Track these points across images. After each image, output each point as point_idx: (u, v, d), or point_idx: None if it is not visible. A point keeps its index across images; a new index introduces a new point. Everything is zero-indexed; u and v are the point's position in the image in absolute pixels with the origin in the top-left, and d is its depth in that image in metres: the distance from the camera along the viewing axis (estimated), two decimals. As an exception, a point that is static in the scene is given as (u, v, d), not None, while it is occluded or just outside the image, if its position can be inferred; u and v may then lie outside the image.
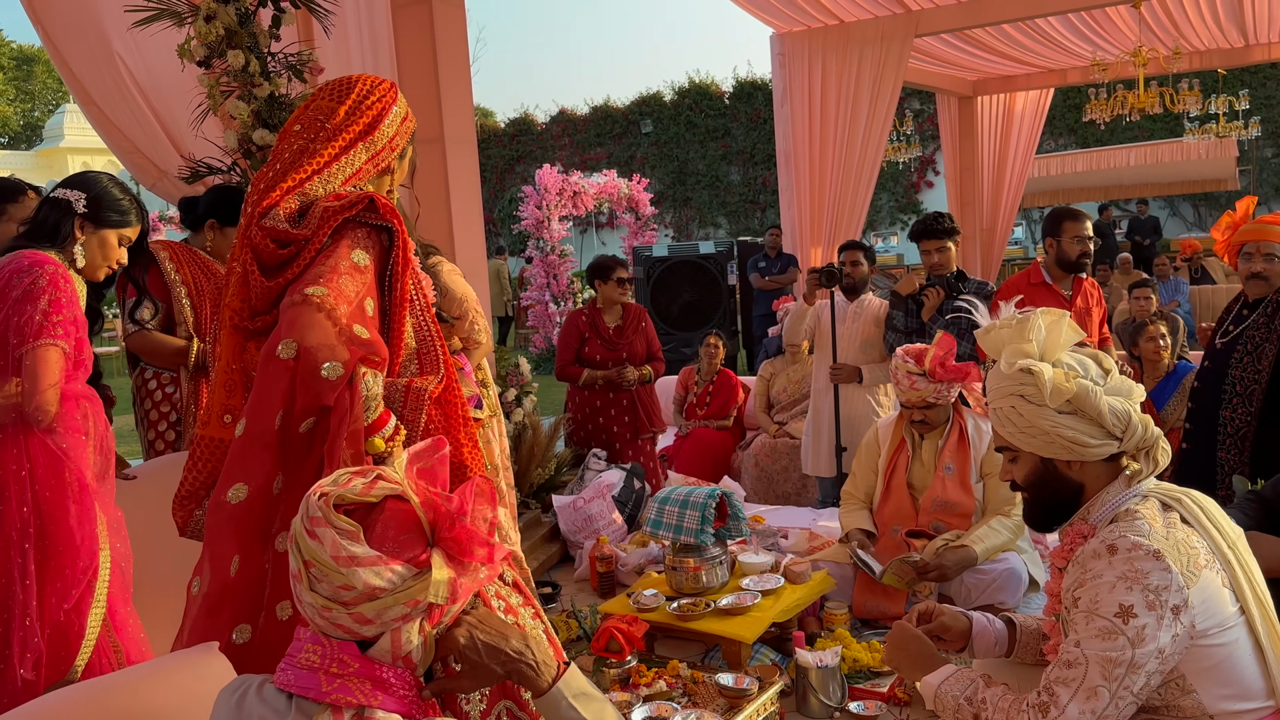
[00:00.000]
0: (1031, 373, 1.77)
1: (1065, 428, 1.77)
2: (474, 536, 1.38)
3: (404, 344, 2.02)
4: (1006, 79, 9.81)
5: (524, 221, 11.77)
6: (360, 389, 1.84)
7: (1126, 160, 14.57)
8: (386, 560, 1.33)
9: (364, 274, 1.94)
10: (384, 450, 1.89)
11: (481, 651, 1.47)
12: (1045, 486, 1.85)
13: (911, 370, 3.54)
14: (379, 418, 1.88)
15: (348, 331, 1.83)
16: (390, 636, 1.36)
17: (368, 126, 2.10)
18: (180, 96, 3.91)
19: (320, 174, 2.06)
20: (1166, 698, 1.71)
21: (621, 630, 2.96)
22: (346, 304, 1.88)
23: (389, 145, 2.14)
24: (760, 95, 18.96)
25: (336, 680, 1.34)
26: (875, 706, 2.88)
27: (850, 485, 3.82)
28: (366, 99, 2.11)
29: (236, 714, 1.39)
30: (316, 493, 1.37)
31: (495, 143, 21.38)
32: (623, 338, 5.27)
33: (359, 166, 2.10)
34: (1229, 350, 3.65)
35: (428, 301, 2.10)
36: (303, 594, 1.36)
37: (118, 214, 2.66)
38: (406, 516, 1.37)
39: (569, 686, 1.50)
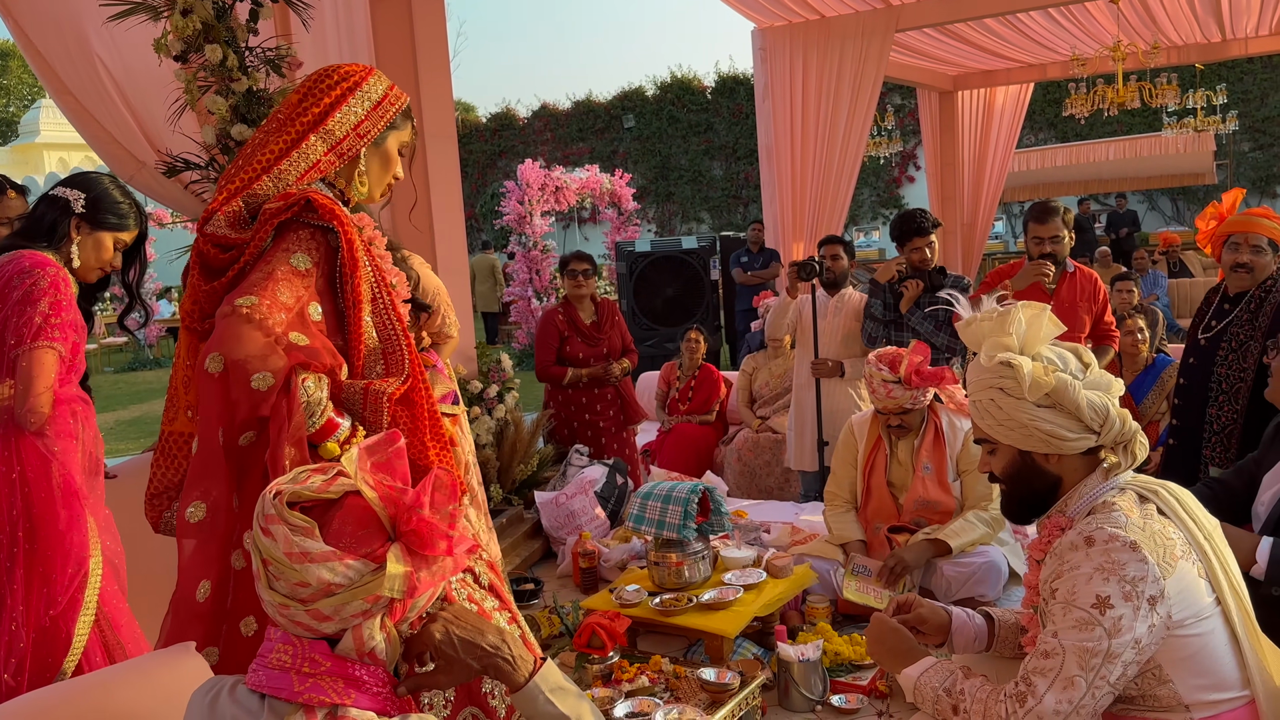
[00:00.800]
0: (1011, 365, 1.78)
1: (1043, 421, 1.78)
2: (433, 529, 1.36)
3: (364, 345, 1.97)
4: (987, 74, 9.86)
5: (506, 217, 11.74)
6: (299, 396, 1.80)
7: (1105, 155, 14.68)
8: (341, 556, 1.31)
9: (305, 278, 1.90)
10: (340, 455, 1.86)
11: (458, 647, 1.46)
12: (1023, 479, 1.86)
13: (886, 378, 3.53)
14: (327, 423, 1.86)
15: (283, 340, 1.80)
16: (352, 633, 1.35)
17: (319, 116, 2.00)
18: (157, 92, 3.87)
19: (269, 172, 1.99)
20: (1143, 687, 1.72)
21: (604, 626, 2.96)
22: (284, 311, 1.84)
23: (355, 133, 2.02)
24: (742, 90, 18.98)
25: (309, 680, 1.32)
26: (857, 699, 2.89)
27: (833, 484, 3.82)
28: (321, 84, 2.02)
29: (210, 715, 1.38)
30: (273, 490, 1.35)
31: (477, 137, 21.31)
32: (601, 332, 5.25)
33: (315, 160, 2.00)
34: (1213, 347, 3.67)
35: (393, 300, 2.03)
36: (262, 592, 1.35)
37: (115, 216, 2.64)
38: (365, 511, 1.35)
39: (545, 681, 1.50)
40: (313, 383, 1.84)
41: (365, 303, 1.96)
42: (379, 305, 2.00)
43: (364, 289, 1.95)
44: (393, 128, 2.10)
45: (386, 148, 2.11)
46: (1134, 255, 11.11)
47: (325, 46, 4.59)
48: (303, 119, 2.00)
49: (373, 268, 2.02)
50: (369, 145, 2.07)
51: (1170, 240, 12.23)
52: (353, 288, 1.94)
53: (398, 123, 2.11)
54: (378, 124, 2.05)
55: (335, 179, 2.09)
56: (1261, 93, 16.37)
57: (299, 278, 1.89)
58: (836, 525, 3.72)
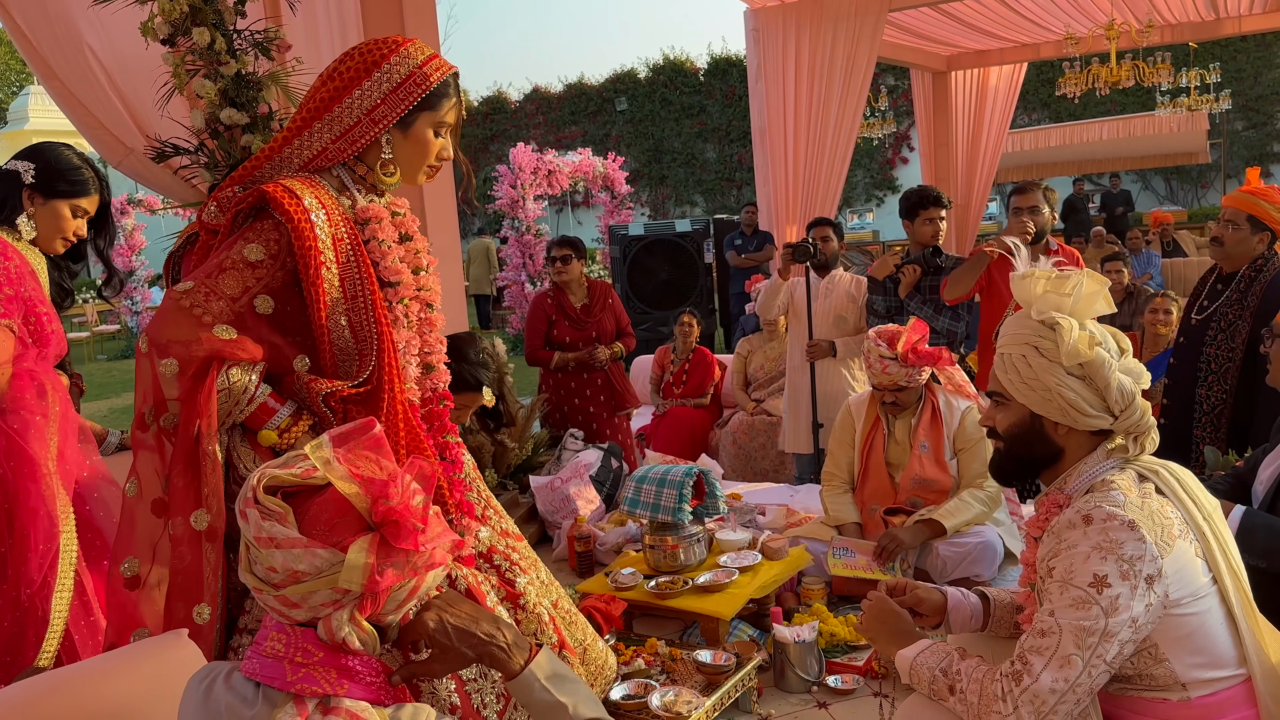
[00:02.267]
0: (1057, 326, 1.76)
1: (1069, 389, 1.76)
2: (403, 520, 1.33)
3: (330, 343, 1.93)
4: (980, 54, 9.82)
5: (499, 201, 11.69)
6: (216, 385, 1.81)
7: (1099, 134, 14.66)
8: (309, 544, 1.29)
9: (256, 269, 1.87)
10: (279, 442, 1.88)
11: (451, 635, 1.45)
12: (1026, 440, 1.84)
13: (884, 354, 3.54)
14: (260, 408, 1.87)
15: (208, 329, 1.80)
16: (322, 624, 1.33)
17: (327, 101, 1.95)
18: (145, 77, 3.84)
19: (271, 159, 1.98)
20: (1139, 666, 1.72)
21: (600, 609, 2.96)
22: (223, 301, 1.84)
23: (368, 119, 1.94)
24: (735, 72, 18.92)
25: (301, 669, 1.31)
26: (853, 680, 2.90)
27: (830, 465, 3.82)
28: (341, 65, 1.96)
29: (204, 702, 1.37)
30: (257, 473, 1.34)
31: (469, 121, 21.19)
32: (591, 316, 5.23)
33: (322, 147, 1.96)
34: (1204, 327, 3.68)
35: (376, 299, 1.96)
36: (243, 575, 1.34)
37: (67, 184, 2.58)
38: (343, 501, 1.33)
39: (541, 668, 1.49)
40: (238, 371, 1.84)
41: (329, 301, 1.90)
42: (357, 304, 1.94)
43: (324, 286, 1.89)
44: (424, 108, 2.00)
45: (415, 130, 2.02)
46: (1128, 235, 11.11)
47: (315, 29, 4.55)
48: (313, 103, 1.96)
49: (360, 263, 1.95)
50: (392, 129, 1.99)
51: (1163, 220, 12.23)
52: (310, 283, 1.89)
53: (432, 101, 2.00)
54: (396, 107, 1.96)
55: (356, 164, 2.03)
56: (1255, 71, 16.36)
57: (249, 268, 1.87)
58: (833, 506, 3.73)
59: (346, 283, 1.93)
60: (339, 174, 2.03)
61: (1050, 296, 1.80)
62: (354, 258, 1.94)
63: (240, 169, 2.02)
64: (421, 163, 2.06)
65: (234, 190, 1.98)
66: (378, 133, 1.97)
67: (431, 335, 2.14)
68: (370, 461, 1.37)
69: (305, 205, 1.87)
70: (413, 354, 2.07)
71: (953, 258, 4.59)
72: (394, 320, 2.00)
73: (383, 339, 1.95)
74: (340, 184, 2.03)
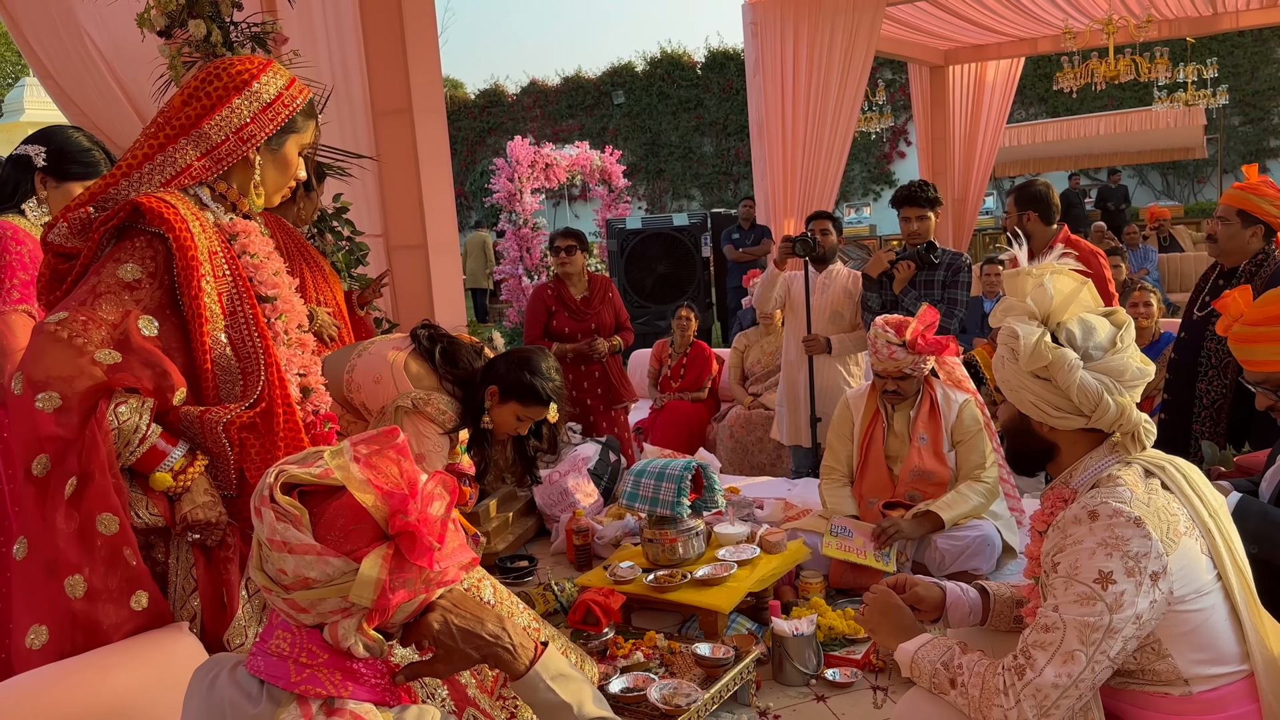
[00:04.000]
0: (1015, 332, 1.78)
1: (1029, 392, 1.80)
2: (420, 537, 1.31)
3: (211, 363, 1.85)
4: (978, 48, 9.83)
5: (496, 194, 11.66)
6: (108, 423, 1.70)
7: (1096, 129, 14.65)
8: (321, 551, 1.26)
9: (134, 290, 1.79)
10: (174, 485, 1.78)
11: (456, 636, 1.43)
12: (1018, 436, 1.89)
13: (891, 340, 3.54)
14: (150, 451, 1.75)
15: (89, 357, 1.69)
16: (329, 629, 1.32)
17: (195, 118, 1.88)
18: (145, 67, 3.83)
19: (130, 175, 1.90)
20: (1142, 662, 1.72)
21: (598, 603, 2.95)
22: (104, 329, 1.73)
23: (237, 137, 1.89)
24: (732, 65, 18.86)
25: (306, 670, 1.30)
26: (851, 673, 2.90)
27: (830, 459, 3.83)
28: (208, 84, 1.89)
29: (208, 696, 1.36)
30: (275, 469, 1.31)
31: (465, 114, 21.16)
32: (590, 308, 5.23)
33: (186, 164, 1.89)
34: (1205, 322, 3.68)
35: (257, 314, 1.91)
36: (252, 571, 1.33)
37: (80, 165, 2.55)
38: (360, 508, 1.30)
39: (546, 668, 1.48)
40: (126, 409, 1.73)
41: (210, 316, 1.83)
42: (238, 319, 1.88)
43: (205, 301, 1.82)
44: (290, 130, 1.98)
45: (284, 152, 1.99)
46: (1125, 230, 11.12)
47: (311, 21, 4.54)
48: (177, 120, 1.89)
49: (237, 277, 1.90)
50: (261, 148, 1.95)
51: (1159, 215, 12.23)
52: (189, 299, 1.81)
53: (297, 124, 1.98)
54: (266, 127, 1.92)
55: (217, 183, 1.96)
56: (1252, 66, 16.34)
57: (126, 290, 1.79)
58: (831, 499, 3.73)
59: (225, 297, 1.87)
60: (196, 192, 1.95)
61: (1014, 303, 1.82)
62: (230, 272, 1.89)
63: (91, 188, 1.93)
64: (284, 184, 2.04)
65: (88, 210, 1.87)
66: (246, 151, 1.92)
67: (305, 355, 2.06)
68: (392, 465, 1.34)
69: (183, 215, 1.81)
70: (294, 371, 2.00)
71: (948, 253, 4.59)
72: (274, 336, 1.94)
73: (269, 353, 1.89)
74: (199, 202, 1.95)
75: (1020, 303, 1.81)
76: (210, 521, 1.80)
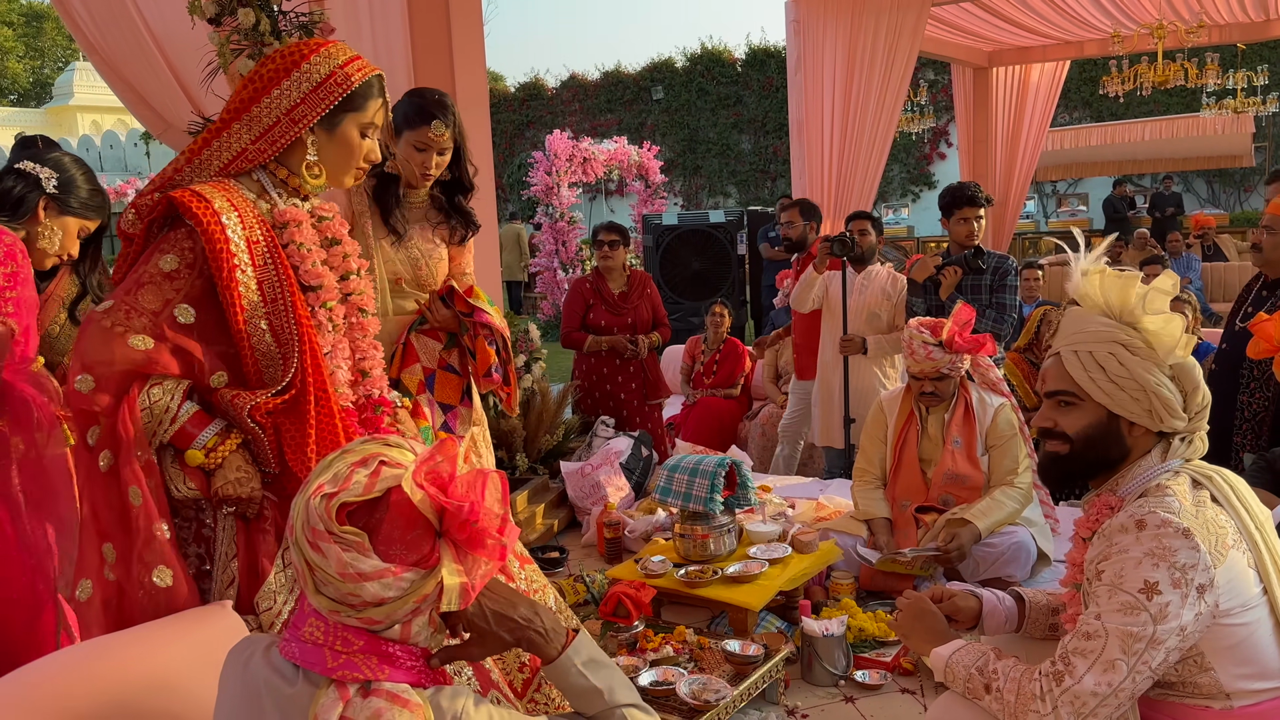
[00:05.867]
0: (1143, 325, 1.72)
1: (1165, 388, 1.73)
2: (485, 534, 1.33)
3: (252, 349, 1.91)
4: (1023, 50, 9.71)
5: (533, 187, 11.72)
6: (137, 404, 1.81)
7: (1141, 135, 14.44)
8: (395, 571, 1.29)
9: (173, 280, 1.87)
10: (205, 462, 1.86)
11: (490, 619, 1.45)
12: (1099, 443, 1.79)
13: (928, 340, 3.52)
14: (181, 431, 1.85)
15: (125, 342, 1.81)
16: (400, 628, 1.34)
17: (246, 101, 1.92)
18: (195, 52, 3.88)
19: (191, 163, 1.96)
20: (1183, 674, 1.70)
21: (629, 595, 2.96)
22: (145, 317, 1.83)
23: (288, 118, 1.92)
24: (773, 63, 18.79)
25: (341, 656, 1.32)
26: (880, 675, 2.89)
27: (862, 460, 3.81)
28: (261, 69, 1.93)
29: (243, 676, 1.38)
30: (317, 494, 1.31)
31: (505, 107, 21.23)
32: (628, 303, 5.25)
33: (241, 148, 1.94)
34: (1248, 334, 3.62)
35: (297, 302, 1.94)
36: (311, 597, 1.33)
37: (80, 204, 2.56)
38: (412, 511, 1.31)
39: (578, 653, 1.49)
40: (160, 390, 1.84)
41: (246, 305, 1.89)
42: (277, 307, 1.92)
43: (239, 290, 1.87)
44: (347, 109, 1.97)
45: (341, 131, 1.99)
46: (1169, 238, 10.95)
47: (357, 12, 4.57)
48: (233, 105, 1.94)
49: (279, 266, 1.93)
50: (315, 128, 1.96)
51: (1204, 223, 12.03)
52: (222, 288, 1.87)
53: (356, 102, 1.98)
54: (317, 107, 1.93)
55: (277, 168, 2.00)
56: (1303, 74, 16.03)
57: (166, 280, 1.86)
58: (864, 501, 3.71)
59: (265, 286, 1.91)
60: (259, 177, 2.00)
61: (1152, 296, 1.74)
62: (272, 261, 1.92)
63: (161, 174, 2.00)
64: (349, 165, 2.04)
65: (154, 196, 1.95)
66: (298, 132, 1.94)
67: (364, 341, 2.12)
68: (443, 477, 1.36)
69: (215, 209, 1.85)
70: (342, 358, 2.04)
71: (994, 256, 4.52)
72: (318, 324, 1.99)
73: (303, 341, 1.93)
74: (260, 188, 2.00)
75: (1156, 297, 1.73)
76: (242, 496, 1.88)
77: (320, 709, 1.29)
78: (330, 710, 1.29)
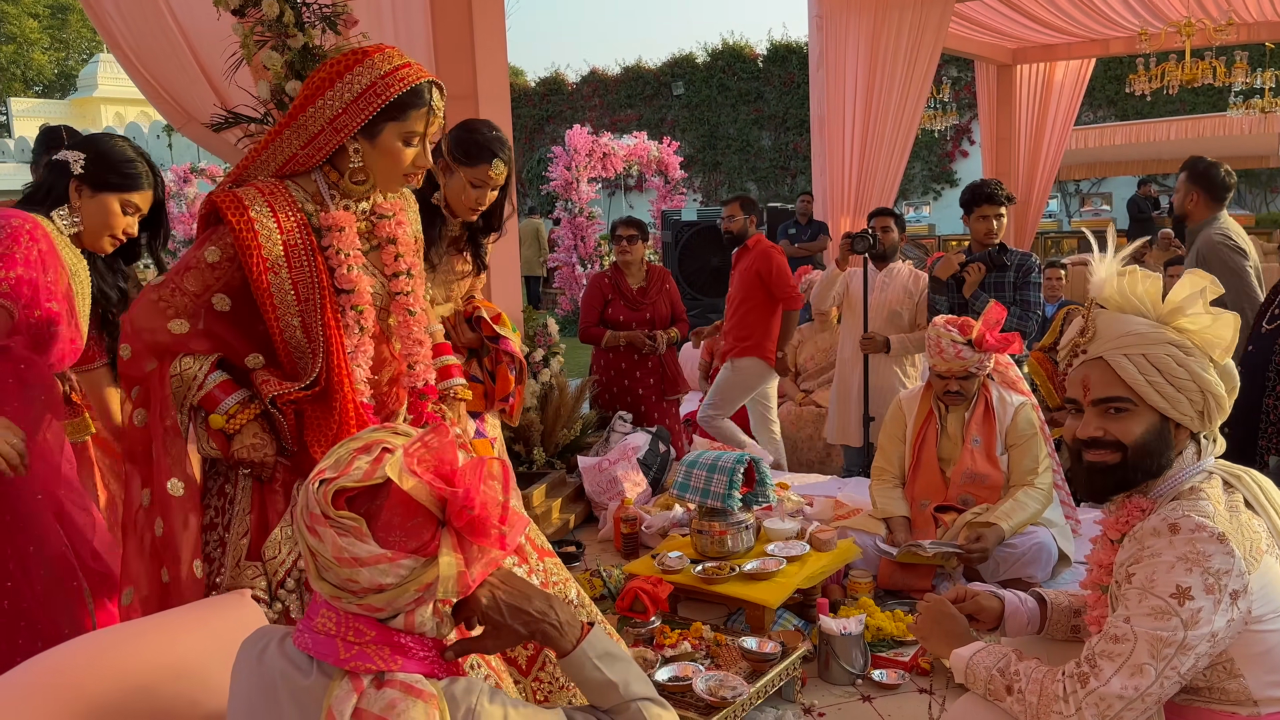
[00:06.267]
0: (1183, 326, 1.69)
1: (1217, 385, 1.70)
2: (486, 523, 1.32)
3: (285, 342, 2.04)
4: (1047, 48, 9.63)
5: (553, 182, 11.72)
6: (169, 373, 2.01)
7: (1166, 134, 14.26)
8: (392, 557, 1.28)
9: (214, 270, 2.01)
10: (226, 426, 2.04)
11: (504, 612, 1.44)
12: (1154, 450, 1.72)
13: (956, 339, 3.49)
14: (208, 396, 2.03)
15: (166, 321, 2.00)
16: (404, 618, 1.35)
17: (297, 109, 2.01)
18: (219, 44, 3.90)
19: (254, 162, 2.08)
20: (1212, 680, 1.68)
21: (646, 591, 2.96)
22: (186, 297, 2.01)
23: (331, 127, 1.99)
24: (795, 59, 18.71)
25: (354, 647, 1.32)
26: (898, 675, 2.87)
27: (881, 459, 3.78)
28: (313, 78, 2.02)
29: (258, 667, 1.39)
30: (315, 480, 1.31)
31: (525, 102, 21.23)
32: (646, 298, 5.24)
33: (292, 153, 2.04)
34: (1274, 336, 3.58)
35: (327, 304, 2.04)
36: (313, 582, 1.34)
37: (118, 176, 2.45)
38: (410, 501, 1.31)
39: (593, 647, 1.49)
40: (190, 360, 2.03)
41: (278, 302, 2.01)
42: (309, 306, 2.02)
43: (270, 289, 1.99)
44: (389, 118, 2.01)
45: (382, 140, 2.03)
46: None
47: (379, 4, 4.58)
48: (289, 112, 2.05)
49: (315, 269, 2.02)
50: (358, 137, 2.02)
51: (1229, 224, 11.89)
52: (253, 285, 2.00)
53: (395, 112, 2.01)
54: (357, 116, 1.98)
55: (329, 170, 2.08)
56: (1333, 74, 15.82)
57: (209, 269, 2.01)
58: (882, 500, 3.69)
59: (300, 286, 2.02)
60: (316, 178, 2.09)
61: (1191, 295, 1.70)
62: (308, 263, 2.02)
63: (235, 168, 2.13)
64: (395, 171, 2.09)
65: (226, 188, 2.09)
66: (340, 140, 2.01)
67: (410, 337, 2.23)
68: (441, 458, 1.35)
69: (251, 215, 1.97)
70: (364, 358, 2.14)
71: (1017, 253, 4.48)
72: (346, 326, 2.08)
73: (329, 343, 2.03)
74: (316, 189, 2.09)
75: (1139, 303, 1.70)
76: (256, 460, 2.05)
77: (335, 700, 1.29)
78: (345, 701, 1.29)
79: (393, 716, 1.28)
